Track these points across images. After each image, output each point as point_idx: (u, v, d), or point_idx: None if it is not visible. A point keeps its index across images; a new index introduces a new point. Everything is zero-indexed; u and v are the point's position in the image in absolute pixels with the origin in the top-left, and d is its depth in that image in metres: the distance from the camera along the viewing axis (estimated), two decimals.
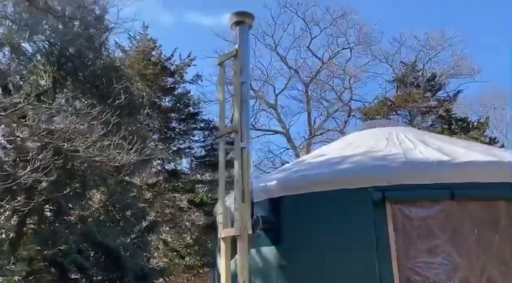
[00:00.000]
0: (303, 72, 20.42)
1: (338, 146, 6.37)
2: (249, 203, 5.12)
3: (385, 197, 4.59)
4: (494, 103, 20.98)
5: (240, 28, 5.83)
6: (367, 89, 27.37)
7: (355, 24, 19.72)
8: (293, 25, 20.63)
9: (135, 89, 14.57)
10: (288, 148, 20.35)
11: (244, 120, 5.41)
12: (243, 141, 5.27)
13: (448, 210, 4.52)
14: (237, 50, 5.61)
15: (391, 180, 4.67)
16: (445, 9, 25.14)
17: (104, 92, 10.62)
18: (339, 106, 19.89)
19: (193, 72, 20.79)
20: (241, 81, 5.53)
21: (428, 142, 5.74)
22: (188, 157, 19.66)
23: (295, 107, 20.80)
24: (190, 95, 20.76)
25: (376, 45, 19.80)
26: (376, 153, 5.39)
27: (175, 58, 19.65)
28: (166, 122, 19.93)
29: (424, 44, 18.93)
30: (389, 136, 6.24)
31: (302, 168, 5.66)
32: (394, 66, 19.20)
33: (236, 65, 5.62)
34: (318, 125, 20.18)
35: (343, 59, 20.18)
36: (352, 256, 4.68)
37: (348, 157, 5.45)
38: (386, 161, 4.99)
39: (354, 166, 5.05)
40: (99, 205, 11.27)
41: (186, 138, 19.97)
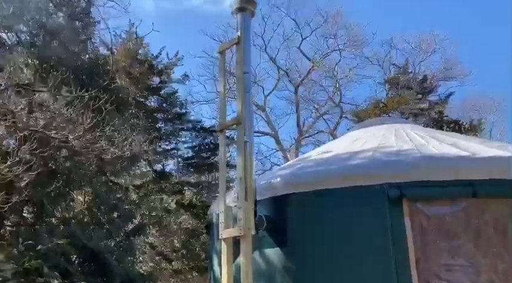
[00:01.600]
0: (292, 74, 20.16)
1: (343, 143, 6.03)
2: (252, 201, 4.74)
3: (402, 194, 4.26)
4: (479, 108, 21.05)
5: (241, 15, 5.46)
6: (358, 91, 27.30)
7: (346, 26, 19.57)
8: (283, 26, 20.37)
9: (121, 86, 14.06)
10: (277, 150, 20.01)
11: (247, 112, 5.03)
12: (245, 134, 4.90)
13: (470, 208, 4.20)
14: (239, 37, 5.23)
15: (408, 176, 4.34)
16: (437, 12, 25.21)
17: (88, 86, 10.12)
18: (329, 107, 19.66)
19: (181, 72, 20.35)
20: (244, 71, 5.16)
21: (440, 138, 5.46)
22: (174, 159, 19.18)
23: (285, 108, 20.53)
24: (177, 95, 20.33)
25: (367, 47, 19.69)
26: (388, 149, 5.06)
27: (162, 56, 19.19)
28: (152, 122, 19.41)
29: (415, 46, 18.89)
30: (396, 132, 5.94)
31: (308, 164, 5.29)
32: (385, 68, 19.11)
33: (238, 53, 5.23)
34: (308, 126, 19.90)
35: (334, 60, 20.01)
36: (365, 259, 4.33)
37: (358, 153, 5.11)
38: (401, 156, 4.66)
39: (366, 162, 4.71)
40: (84, 206, 10.71)
41: (173, 139, 19.49)
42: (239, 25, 5.41)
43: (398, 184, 4.30)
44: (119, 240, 11.09)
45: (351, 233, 4.46)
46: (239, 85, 5.08)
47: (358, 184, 4.48)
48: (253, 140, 5.07)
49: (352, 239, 4.44)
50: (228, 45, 5.42)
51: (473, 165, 4.32)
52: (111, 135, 6.62)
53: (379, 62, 19.25)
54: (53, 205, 9.64)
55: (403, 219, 4.25)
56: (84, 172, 9.41)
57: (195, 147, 17.87)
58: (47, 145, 6.53)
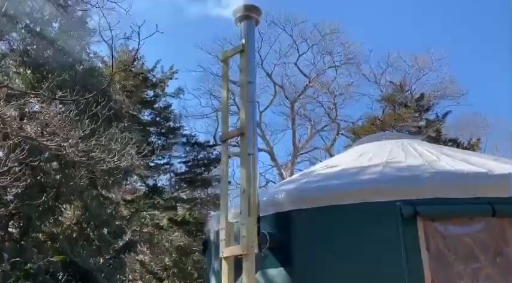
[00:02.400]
0: (288, 89, 20.04)
1: (349, 157, 5.78)
2: (255, 217, 4.45)
3: (416, 212, 3.99)
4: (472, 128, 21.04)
5: (245, 23, 5.25)
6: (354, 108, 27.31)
7: (343, 42, 19.57)
8: (279, 42, 20.33)
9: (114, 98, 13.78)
10: (272, 166, 19.74)
11: (251, 123, 4.78)
12: (249, 146, 4.63)
13: (489, 227, 3.94)
14: (244, 44, 5.01)
15: (422, 192, 4.08)
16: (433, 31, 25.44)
17: (82, 97, 9.83)
18: (326, 123, 19.50)
19: (176, 85, 20.13)
20: (248, 80, 4.92)
21: (450, 154, 5.23)
22: (167, 174, 18.79)
23: (281, 124, 20.35)
24: (171, 109, 20.07)
25: (363, 64, 19.68)
26: (398, 164, 4.82)
27: (157, 69, 18.99)
28: (145, 136, 19.08)
29: (411, 64, 18.91)
30: (404, 147, 5.71)
31: (314, 179, 5.02)
32: (381, 85, 19.07)
33: (242, 61, 5.00)
34: (304, 143, 19.68)
35: (331, 76, 19.97)
36: (376, 281, 4.04)
37: (366, 168, 4.86)
38: (414, 172, 4.41)
39: (377, 177, 4.45)
40: (73, 221, 10.28)
41: (166, 154, 19.15)
42: (243, 33, 5.18)
43: (412, 201, 4.04)
44: (108, 257, 10.65)
45: (360, 253, 4.17)
46: (243, 94, 4.83)
47: (369, 201, 4.21)
48: (258, 152, 4.81)
49: (362, 259, 4.15)
50: (231, 53, 5.19)
51: (491, 182, 4.09)
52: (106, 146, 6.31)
53: (375, 79, 19.24)
54: (40, 219, 9.23)
55: (418, 239, 3.97)
56: (75, 185, 9.05)
57: (188, 162, 17.54)
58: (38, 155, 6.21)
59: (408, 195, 4.08)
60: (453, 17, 26.00)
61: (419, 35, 25.07)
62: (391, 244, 4.08)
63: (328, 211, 4.33)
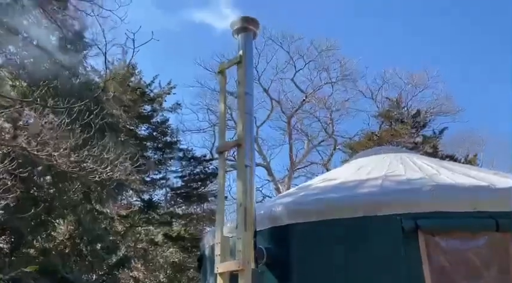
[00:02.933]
0: (285, 103, 20.05)
1: (347, 171, 5.69)
2: (252, 231, 4.32)
3: (417, 226, 3.88)
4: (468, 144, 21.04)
5: (243, 35, 5.20)
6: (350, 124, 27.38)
7: (339, 59, 19.67)
8: (276, 58, 20.43)
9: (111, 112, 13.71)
10: (269, 181, 19.60)
11: (248, 134, 4.69)
12: (246, 157, 4.54)
13: (493, 242, 3.84)
14: (241, 56, 4.96)
15: (423, 206, 3.98)
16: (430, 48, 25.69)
17: (78, 111, 9.74)
18: (323, 138, 19.46)
19: (173, 100, 20.12)
20: (245, 92, 4.85)
21: (450, 168, 5.16)
22: (163, 189, 18.61)
23: (277, 139, 20.28)
24: (168, 123, 20.00)
25: (360, 80, 19.76)
26: (398, 177, 4.73)
27: (155, 84, 18.98)
28: (141, 151, 18.96)
29: (407, 81, 18.99)
30: (403, 161, 5.63)
31: (312, 192, 4.91)
32: (377, 102, 19.11)
33: (240, 73, 4.94)
34: (300, 158, 19.61)
35: (327, 92, 20.01)
36: None
37: (365, 181, 4.76)
38: (414, 185, 4.32)
39: (377, 190, 4.35)
40: (65, 236, 10.08)
41: (162, 168, 19.00)
42: (241, 44, 5.13)
43: (413, 215, 3.94)
44: (101, 273, 10.43)
45: (360, 268, 4.05)
46: (240, 105, 4.76)
47: (368, 215, 4.11)
48: (255, 164, 4.72)
49: (362, 274, 4.03)
50: (228, 65, 5.13)
51: (493, 196, 4.00)
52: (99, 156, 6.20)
53: (372, 95, 19.29)
54: (32, 234, 9.04)
55: (419, 254, 3.86)
56: (68, 199, 8.90)
57: (184, 176, 17.41)
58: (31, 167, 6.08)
59: (409, 209, 3.98)
60: (450, 34, 26.28)
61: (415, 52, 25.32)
62: (391, 259, 3.97)
63: (327, 225, 4.22)
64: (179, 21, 26.91)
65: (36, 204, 8.75)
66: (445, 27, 25.74)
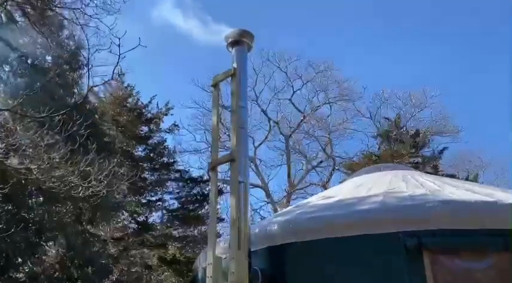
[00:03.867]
0: (283, 123, 19.90)
1: (346, 188, 5.47)
2: (246, 251, 4.07)
3: (421, 244, 3.65)
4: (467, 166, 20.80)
5: (237, 48, 5.06)
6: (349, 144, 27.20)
7: (337, 80, 19.65)
8: (274, 79, 20.42)
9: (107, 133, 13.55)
10: (267, 202, 19.26)
11: (242, 149, 4.50)
12: (240, 173, 4.33)
13: (501, 262, 3.59)
14: (235, 68, 4.81)
15: (427, 223, 3.75)
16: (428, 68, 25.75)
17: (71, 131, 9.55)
18: (322, 159, 19.22)
19: (171, 121, 19.96)
20: (240, 105, 4.68)
21: (453, 184, 4.95)
22: (159, 211, 18.24)
23: (276, 159, 20.04)
24: (165, 144, 19.80)
25: (358, 101, 19.67)
26: (400, 194, 4.51)
27: (153, 105, 18.88)
28: (137, 172, 18.69)
29: (406, 101, 18.91)
30: (404, 178, 5.42)
31: (310, 210, 4.68)
32: (376, 122, 18.96)
33: (233, 85, 4.78)
34: (299, 179, 19.33)
35: (325, 112, 19.91)
36: None
37: (365, 198, 4.54)
38: (418, 201, 4.10)
39: (377, 207, 4.13)
40: (56, 259, 9.73)
41: (159, 190, 18.69)
42: (235, 57, 5.00)
43: (417, 232, 3.71)
44: None
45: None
46: (234, 119, 4.58)
47: (369, 233, 3.87)
48: (249, 180, 4.50)
49: None
50: (222, 78, 4.97)
51: (501, 213, 3.77)
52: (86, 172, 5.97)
53: (370, 115, 19.19)
54: (21, 257, 8.71)
55: (424, 274, 3.61)
56: (59, 220, 8.60)
57: (181, 197, 17.08)
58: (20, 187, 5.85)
59: (412, 226, 3.75)
60: (449, 54, 26.37)
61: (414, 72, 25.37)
62: (393, 280, 3.71)
63: (325, 244, 3.97)
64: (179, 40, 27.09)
65: (26, 226, 8.47)
66: (444, 45, 25.86)
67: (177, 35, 27.23)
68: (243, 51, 5.07)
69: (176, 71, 28.04)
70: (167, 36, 26.64)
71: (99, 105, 16.93)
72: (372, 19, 25.68)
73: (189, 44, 27.22)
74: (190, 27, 27.68)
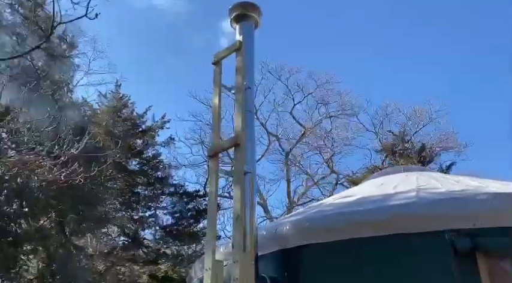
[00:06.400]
0: (283, 139, 19.24)
1: (367, 188, 4.73)
2: (253, 253, 3.32)
3: (475, 246, 2.91)
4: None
5: (242, 23, 4.40)
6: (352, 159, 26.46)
7: (340, 93, 19.12)
8: (274, 93, 19.88)
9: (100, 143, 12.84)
10: (266, 218, 18.40)
11: (249, 135, 3.79)
12: (247, 161, 3.60)
13: None
14: (240, 42, 4.14)
15: (481, 219, 3.02)
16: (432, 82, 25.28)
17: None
18: (324, 174, 18.49)
19: (167, 134, 19.30)
20: (247, 86, 4.00)
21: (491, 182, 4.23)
22: (152, 227, 17.35)
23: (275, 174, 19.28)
24: (160, 158, 19.06)
25: (361, 114, 19.12)
26: (436, 190, 3.78)
27: (148, 116, 18.22)
28: (131, 186, 17.89)
29: (410, 116, 18.35)
30: (431, 177, 4.72)
31: (328, 208, 3.94)
32: (380, 136, 18.33)
33: (238, 61, 4.09)
34: (300, 194, 18.53)
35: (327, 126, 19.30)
36: None
37: (394, 194, 3.81)
38: (463, 195, 3.37)
39: (415, 201, 3.39)
40: (34, 275, 8.83)
41: (152, 206, 17.85)
42: (239, 32, 4.33)
43: (469, 231, 2.97)
44: None
45: None
46: (239, 98, 3.87)
47: (406, 232, 3.13)
48: (256, 170, 3.77)
49: None
50: (225, 54, 4.27)
51: None
52: None
53: (374, 128, 18.58)
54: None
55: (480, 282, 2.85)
56: (39, 229, 7.77)
57: (175, 213, 16.21)
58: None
59: (463, 223, 3.01)
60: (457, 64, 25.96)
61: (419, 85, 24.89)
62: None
63: (349, 246, 3.22)
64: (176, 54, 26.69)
65: (1, 236, 7.64)
66: (452, 58, 25.44)
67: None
68: (249, 25, 4.41)
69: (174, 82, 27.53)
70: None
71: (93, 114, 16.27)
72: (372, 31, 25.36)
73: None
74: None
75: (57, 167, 5.77)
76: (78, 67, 11.32)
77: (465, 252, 2.92)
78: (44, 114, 8.62)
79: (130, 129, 17.44)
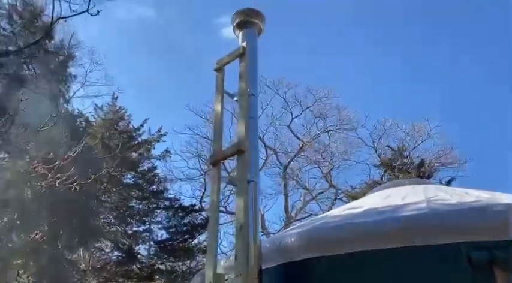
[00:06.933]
0: (281, 153, 19.07)
1: (372, 200, 4.56)
2: (256, 266, 3.15)
3: (493, 259, 2.75)
4: None
5: (245, 31, 4.31)
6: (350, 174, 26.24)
7: (337, 107, 19.07)
8: (271, 107, 19.80)
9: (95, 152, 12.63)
10: (263, 233, 18.06)
11: (253, 141, 3.65)
12: (250, 170, 3.45)
13: None
14: (244, 47, 4.02)
15: (499, 231, 2.86)
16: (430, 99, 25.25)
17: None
18: (321, 188, 18.30)
19: (163, 147, 19.10)
20: (250, 93, 3.87)
21: (501, 194, 4.08)
22: (146, 243, 17.02)
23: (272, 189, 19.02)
24: (156, 172, 18.84)
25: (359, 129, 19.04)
26: (447, 201, 3.62)
27: (144, 129, 18.07)
28: (125, 200, 17.61)
29: (409, 132, 18.29)
30: (440, 189, 4.57)
31: (335, 220, 3.77)
32: (378, 151, 18.22)
33: (241, 67, 3.98)
34: (297, 209, 18.29)
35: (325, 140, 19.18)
36: None
37: (403, 206, 3.64)
38: (477, 206, 3.22)
39: (428, 212, 3.23)
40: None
41: (146, 220, 17.57)
42: (242, 39, 4.24)
43: (486, 243, 2.81)
44: None
45: None
46: (242, 104, 3.74)
47: (419, 244, 2.97)
48: (260, 179, 3.61)
49: None
50: (228, 60, 4.15)
51: None
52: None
53: (373, 143, 18.48)
54: None
55: None
56: (30, 242, 7.49)
57: (170, 227, 15.91)
58: None
59: (479, 236, 2.85)
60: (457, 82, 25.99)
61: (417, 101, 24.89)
62: None
63: (361, 259, 3.05)
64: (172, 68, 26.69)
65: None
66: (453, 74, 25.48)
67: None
68: (252, 32, 4.31)
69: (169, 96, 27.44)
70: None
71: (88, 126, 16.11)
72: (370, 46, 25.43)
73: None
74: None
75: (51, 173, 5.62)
76: (75, 78, 11.14)
77: (481, 265, 2.76)
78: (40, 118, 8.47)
79: (126, 142, 17.27)
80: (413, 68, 26.17)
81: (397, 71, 26.29)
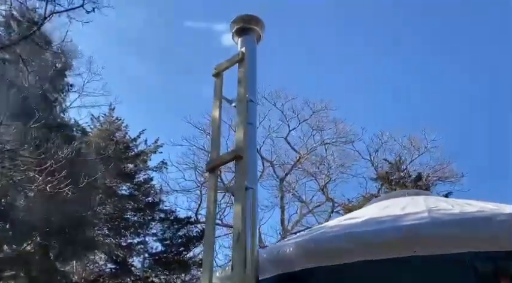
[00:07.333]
0: (278, 166, 18.97)
1: (371, 210, 4.47)
2: (254, 275, 3.04)
3: (499, 270, 2.67)
4: None
5: (244, 37, 4.26)
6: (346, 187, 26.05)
7: (335, 120, 19.06)
8: (269, 119, 19.77)
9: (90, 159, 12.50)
10: (259, 246, 17.84)
11: (251, 147, 3.57)
12: (248, 177, 3.36)
13: None
14: (243, 53, 3.97)
15: (505, 242, 2.77)
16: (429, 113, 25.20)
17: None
18: (318, 201, 18.16)
19: (159, 159, 18.96)
20: (249, 99, 3.80)
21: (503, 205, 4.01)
22: (141, 255, 16.78)
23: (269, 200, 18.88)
24: (151, 183, 18.67)
25: (356, 142, 19.00)
26: (449, 211, 3.54)
27: (141, 140, 17.96)
28: (120, 211, 17.41)
29: (405, 145, 18.27)
30: (439, 200, 4.50)
31: (334, 229, 3.67)
32: (375, 164, 18.16)
33: (240, 73, 3.91)
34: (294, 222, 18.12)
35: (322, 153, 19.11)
36: None
37: (404, 216, 3.55)
38: (484, 215, 3.14)
39: (430, 221, 3.14)
40: None
41: (141, 232, 17.35)
42: (240, 45, 4.18)
43: (492, 254, 2.73)
44: None
45: None
46: (241, 110, 3.65)
47: (421, 254, 2.87)
48: (257, 187, 3.52)
49: None
50: (227, 65, 4.07)
51: None
52: None
53: (370, 156, 18.43)
54: None
55: None
56: (21, 253, 7.33)
57: (165, 239, 15.69)
58: None
59: (485, 246, 2.77)
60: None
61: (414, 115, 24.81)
62: None
63: (361, 269, 2.96)
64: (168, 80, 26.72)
65: None
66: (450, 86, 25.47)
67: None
68: (251, 39, 4.26)
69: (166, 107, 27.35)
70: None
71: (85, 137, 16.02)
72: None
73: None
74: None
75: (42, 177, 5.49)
76: (72, 87, 11.08)
77: (488, 276, 2.68)
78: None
79: (122, 153, 17.15)
80: (412, 77, 26.21)
81: (396, 81, 26.28)
